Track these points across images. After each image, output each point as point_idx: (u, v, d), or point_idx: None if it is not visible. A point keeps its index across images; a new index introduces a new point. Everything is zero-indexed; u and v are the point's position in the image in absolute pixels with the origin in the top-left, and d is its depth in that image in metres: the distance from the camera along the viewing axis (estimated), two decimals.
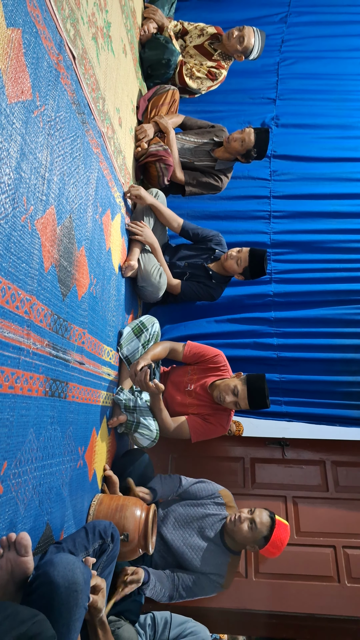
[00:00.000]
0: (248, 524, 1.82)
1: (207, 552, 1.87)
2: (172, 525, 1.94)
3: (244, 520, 1.83)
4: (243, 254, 2.33)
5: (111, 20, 1.80)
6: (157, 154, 2.31)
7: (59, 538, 1.29)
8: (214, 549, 1.88)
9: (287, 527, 1.86)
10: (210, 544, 1.88)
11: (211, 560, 1.86)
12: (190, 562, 1.86)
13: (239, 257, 2.33)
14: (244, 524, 1.82)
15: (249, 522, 1.82)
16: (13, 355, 0.98)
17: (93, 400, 1.61)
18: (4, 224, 0.92)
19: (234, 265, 2.34)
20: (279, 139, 3.11)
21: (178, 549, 1.89)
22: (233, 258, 2.34)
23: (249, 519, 1.83)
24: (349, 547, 2.53)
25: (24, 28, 1.00)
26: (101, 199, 1.66)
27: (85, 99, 1.43)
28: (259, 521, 1.82)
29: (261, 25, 2.96)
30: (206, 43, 2.72)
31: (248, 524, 1.82)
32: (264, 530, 1.81)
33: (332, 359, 2.61)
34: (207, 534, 1.90)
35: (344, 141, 3.11)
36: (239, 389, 1.92)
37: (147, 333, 1.99)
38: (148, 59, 2.50)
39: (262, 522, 1.82)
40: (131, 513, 1.55)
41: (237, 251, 2.35)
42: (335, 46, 3.34)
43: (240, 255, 2.33)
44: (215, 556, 1.87)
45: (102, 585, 1.17)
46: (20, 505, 1.04)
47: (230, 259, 2.34)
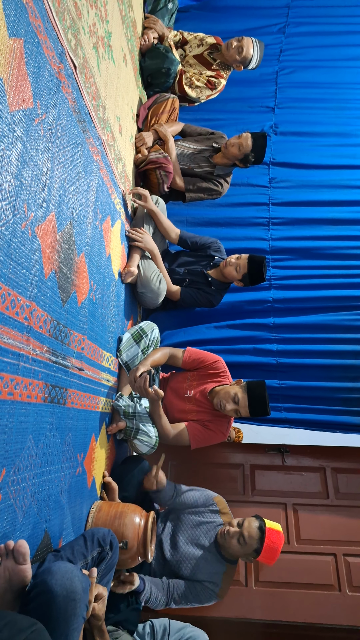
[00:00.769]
0: (237, 539, 1.79)
1: (202, 560, 1.85)
2: (168, 533, 1.93)
3: (233, 535, 1.79)
4: (242, 261, 2.34)
5: (112, 30, 1.83)
6: (157, 161, 2.33)
7: (58, 546, 1.28)
8: (209, 557, 1.86)
9: (280, 534, 1.82)
10: (205, 552, 1.87)
11: (206, 569, 1.84)
12: (186, 571, 1.85)
13: (238, 263, 2.34)
14: (233, 539, 1.79)
15: (237, 536, 1.79)
16: (12, 362, 0.98)
17: (92, 406, 1.61)
18: (4, 230, 0.93)
19: (233, 271, 2.35)
20: (277, 147, 3.14)
21: (174, 557, 1.88)
22: (232, 265, 2.35)
23: (237, 533, 1.79)
24: (350, 555, 2.51)
25: (26, 38, 1.01)
26: (101, 205, 1.67)
27: (85, 107, 1.45)
28: (248, 535, 1.78)
29: (260, 36, 2.99)
30: (205, 53, 2.75)
31: (237, 538, 1.79)
32: (253, 544, 1.78)
33: (331, 365, 2.61)
34: (202, 542, 1.89)
35: (342, 149, 3.14)
36: (239, 396, 1.92)
37: (146, 339, 1.99)
38: (148, 68, 2.53)
39: (251, 535, 1.78)
40: (130, 520, 1.54)
41: (236, 258, 2.36)
42: (332, 56, 3.38)
43: (240, 262, 2.34)
44: (210, 565, 1.85)
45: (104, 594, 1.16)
46: (18, 513, 1.03)
47: (229, 266, 2.35)
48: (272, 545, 1.78)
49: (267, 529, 1.79)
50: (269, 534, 1.78)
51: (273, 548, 1.78)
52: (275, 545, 1.79)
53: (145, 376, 1.73)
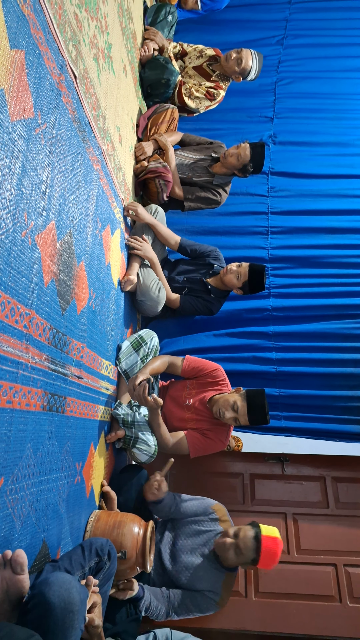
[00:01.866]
0: (233, 550, 1.77)
1: (201, 569, 1.84)
2: (167, 543, 1.92)
3: (229, 547, 1.78)
4: (243, 269, 2.35)
5: (112, 41, 1.85)
6: (157, 171, 2.35)
7: (56, 556, 1.27)
8: (208, 566, 1.85)
9: (277, 539, 1.79)
10: (204, 561, 1.85)
11: (206, 578, 1.83)
12: (185, 580, 1.83)
13: (239, 272, 2.35)
14: (230, 551, 1.77)
15: (233, 548, 1.77)
16: (12, 370, 0.98)
17: (91, 415, 1.60)
18: (4, 238, 0.93)
19: (233, 279, 2.36)
20: (276, 156, 3.17)
21: (173, 566, 1.86)
22: (233, 272, 2.36)
23: (233, 545, 1.77)
24: (350, 565, 2.49)
25: (27, 49, 1.03)
26: (101, 214, 1.68)
27: (86, 117, 1.46)
28: (244, 546, 1.76)
29: (259, 47, 3.03)
30: (205, 64, 2.79)
31: (233, 549, 1.77)
32: (249, 554, 1.76)
33: (331, 373, 2.61)
34: (201, 551, 1.87)
35: (341, 158, 3.16)
36: (238, 405, 1.91)
37: (145, 347, 1.99)
38: (148, 78, 2.56)
39: (247, 546, 1.76)
40: (129, 530, 1.53)
41: (237, 266, 2.37)
42: (330, 67, 3.43)
43: (240, 270, 2.35)
44: (209, 573, 1.83)
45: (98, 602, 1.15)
46: (16, 522, 1.02)
47: (229, 274, 2.36)
48: (269, 552, 1.76)
49: (263, 537, 1.77)
50: (265, 542, 1.77)
51: (271, 554, 1.76)
52: (273, 550, 1.77)
53: (144, 384, 1.73)
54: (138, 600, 1.67)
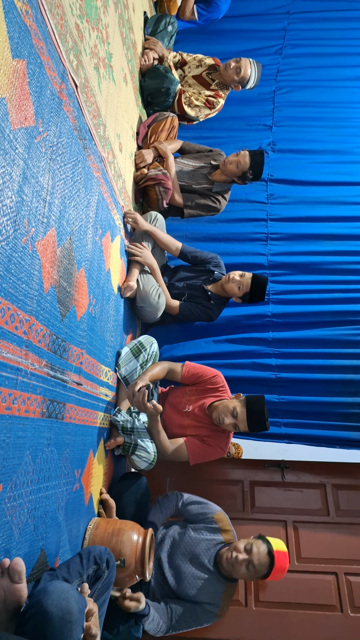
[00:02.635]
0: (245, 566, 1.74)
1: (201, 580, 1.81)
2: (167, 552, 1.90)
3: (242, 562, 1.74)
4: (245, 280, 2.35)
5: (113, 51, 1.87)
6: (156, 178, 2.36)
7: (54, 564, 1.26)
8: (208, 576, 1.82)
9: (286, 554, 1.79)
10: (204, 572, 1.83)
11: (206, 589, 1.80)
12: (185, 591, 1.81)
13: (241, 282, 2.35)
14: (242, 566, 1.74)
15: (246, 563, 1.74)
16: (11, 376, 0.98)
17: (90, 421, 1.60)
18: (5, 245, 0.94)
19: (234, 288, 2.36)
20: (275, 164, 3.19)
21: (173, 575, 1.84)
22: (235, 282, 2.35)
23: (246, 560, 1.74)
24: (351, 574, 2.47)
25: (29, 59, 1.04)
26: (101, 221, 1.69)
27: (86, 125, 1.47)
28: (258, 563, 1.73)
29: (257, 57, 3.07)
30: (204, 73, 2.81)
31: (245, 565, 1.74)
32: (263, 570, 1.74)
33: (330, 379, 2.61)
34: (201, 560, 1.85)
35: (339, 166, 3.19)
36: (238, 411, 1.91)
37: (145, 353, 1.99)
38: (148, 87, 2.58)
39: (261, 562, 1.73)
40: (128, 538, 1.51)
41: (240, 275, 2.36)
42: (328, 76, 3.46)
43: (243, 281, 2.35)
44: (210, 584, 1.81)
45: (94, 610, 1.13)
46: (14, 530, 1.02)
47: (231, 282, 2.36)
48: (280, 568, 1.75)
49: (275, 553, 1.75)
50: (278, 557, 1.75)
51: (281, 569, 1.75)
52: (284, 566, 1.76)
53: (143, 391, 1.72)
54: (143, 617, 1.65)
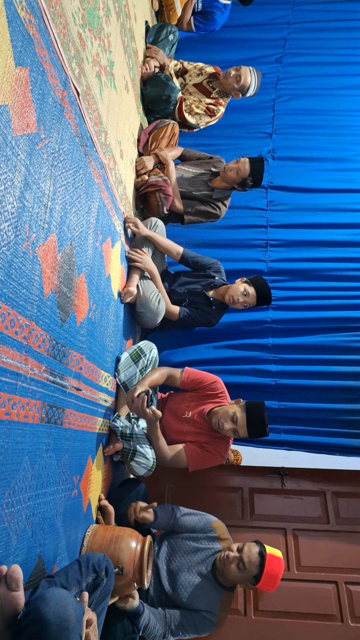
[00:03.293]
0: (236, 564, 1.74)
1: (198, 588, 1.80)
2: (165, 560, 1.88)
3: (232, 560, 1.75)
4: (251, 299, 2.35)
5: (114, 59, 1.89)
6: (157, 184, 2.37)
7: (52, 571, 1.25)
8: (206, 585, 1.81)
9: (280, 560, 1.77)
10: (202, 580, 1.82)
11: (203, 597, 1.79)
12: (183, 599, 1.79)
13: (247, 301, 2.36)
14: (233, 564, 1.74)
15: (237, 561, 1.74)
16: (10, 381, 0.98)
17: (89, 427, 1.60)
18: (6, 250, 0.94)
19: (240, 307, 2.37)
20: (275, 171, 3.21)
21: (171, 584, 1.83)
22: (240, 303, 2.36)
23: (237, 558, 1.75)
24: (352, 583, 2.44)
25: (32, 67, 1.05)
26: (102, 227, 1.69)
27: (88, 132, 1.48)
28: (247, 561, 1.73)
29: (258, 65, 3.10)
30: (205, 82, 2.84)
31: (236, 563, 1.74)
32: (253, 569, 1.73)
33: (330, 386, 2.60)
34: (199, 569, 1.84)
35: (338, 173, 3.21)
36: (238, 416, 1.90)
37: (145, 359, 1.99)
38: (149, 95, 2.60)
39: (251, 561, 1.73)
40: (126, 545, 1.50)
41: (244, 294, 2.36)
42: (328, 84, 3.50)
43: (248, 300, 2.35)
44: (207, 592, 1.80)
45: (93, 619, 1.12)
46: (12, 536, 1.01)
47: (237, 304, 2.37)
48: (272, 572, 1.73)
49: (268, 555, 1.75)
50: (269, 560, 1.74)
51: (273, 575, 1.73)
52: (276, 572, 1.74)
53: (142, 397, 1.72)
54: (137, 617, 1.63)
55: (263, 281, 2.40)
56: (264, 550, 1.78)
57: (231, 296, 2.37)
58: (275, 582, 1.74)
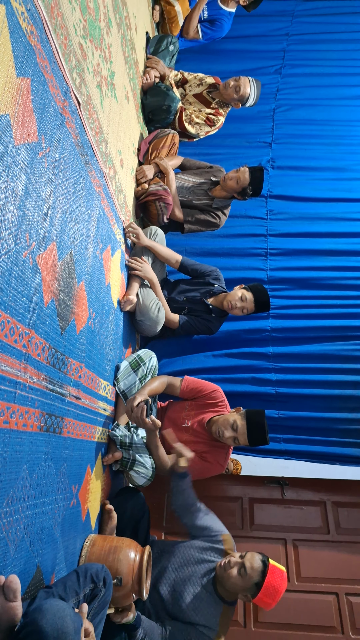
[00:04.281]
0: (237, 569, 1.71)
1: (198, 600, 1.76)
2: (164, 570, 1.85)
3: (234, 565, 1.72)
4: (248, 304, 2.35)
5: (115, 70, 1.91)
6: (157, 193, 2.39)
7: (50, 582, 1.24)
8: (205, 597, 1.77)
9: (283, 574, 1.74)
10: (202, 592, 1.78)
11: (202, 611, 1.75)
12: (181, 611, 1.75)
13: (245, 307, 2.36)
14: (234, 569, 1.71)
15: (238, 566, 1.71)
16: (9, 389, 0.98)
17: (88, 436, 1.59)
18: (6, 259, 0.94)
19: (239, 312, 2.38)
20: (275, 180, 3.23)
21: (169, 595, 1.80)
22: (238, 308, 2.36)
23: (239, 563, 1.72)
24: (352, 594, 2.42)
25: (33, 77, 1.06)
26: (102, 235, 1.70)
27: (88, 141, 1.49)
28: (249, 566, 1.70)
29: (257, 76, 3.13)
30: (205, 92, 2.87)
31: (237, 568, 1.71)
32: (254, 576, 1.69)
33: (330, 395, 2.60)
34: (199, 581, 1.80)
35: (338, 183, 3.23)
36: (238, 424, 1.89)
37: (144, 367, 1.98)
38: (149, 105, 2.63)
39: (253, 567, 1.70)
40: (125, 555, 1.49)
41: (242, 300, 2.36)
42: (327, 95, 3.53)
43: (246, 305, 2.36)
44: (206, 606, 1.76)
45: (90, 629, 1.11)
46: (10, 546, 1.00)
47: (235, 309, 2.37)
48: (273, 583, 1.70)
49: (271, 565, 1.73)
50: (272, 570, 1.71)
51: (275, 586, 1.70)
52: (278, 584, 1.70)
53: (142, 406, 1.71)
54: (134, 629, 1.61)
55: (262, 287, 2.40)
56: (267, 559, 1.75)
57: (229, 302, 2.38)
58: (276, 596, 1.69)
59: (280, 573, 1.72)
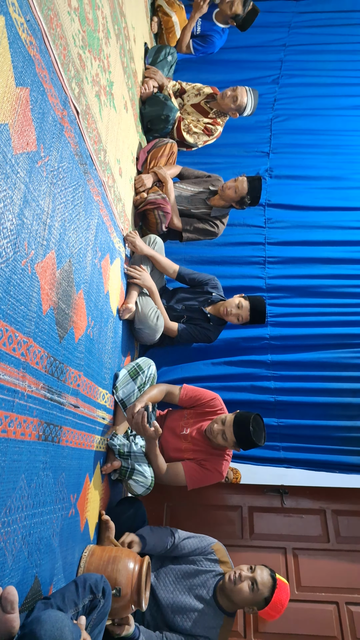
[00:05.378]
0: (249, 584, 1.70)
1: (198, 612, 1.74)
2: (163, 582, 1.84)
3: (245, 579, 1.71)
4: (244, 312, 2.36)
5: (114, 79, 1.93)
6: (156, 202, 2.40)
7: (48, 592, 1.22)
8: (206, 609, 1.76)
9: (288, 588, 1.75)
10: (202, 604, 1.76)
11: (202, 623, 1.73)
12: (180, 623, 1.74)
13: (240, 314, 2.36)
14: (245, 583, 1.70)
15: (249, 581, 1.70)
16: (7, 398, 0.97)
17: (87, 445, 1.58)
18: (4, 267, 0.94)
19: (234, 320, 2.39)
20: (272, 189, 3.25)
21: (168, 607, 1.78)
22: (234, 315, 2.37)
23: (249, 577, 1.71)
24: (353, 603, 2.40)
25: (32, 87, 1.07)
26: (101, 244, 1.70)
27: (87, 150, 1.50)
28: (261, 581, 1.70)
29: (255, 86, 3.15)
30: (203, 102, 2.89)
31: (249, 583, 1.70)
32: (265, 591, 1.70)
33: (329, 403, 2.59)
34: (199, 592, 1.79)
35: (335, 191, 3.25)
36: (227, 419, 1.89)
37: (143, 375, 1.98)
38: (148, 114, 2.65)
39: (264, 582, 1.70)
40: (124, 566, 1.47)
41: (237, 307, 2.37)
42: (324, 105, 3.57)
43: (242, 313, 2.36)
44: (207, 618, 1.74)
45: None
46: (8, 557, 0.99)
47: (230, 315, 2.38)
48: (280, 598, 1.71)
49: (278, 579, 1.74)
50: (280, 586, 1.72)
51: (281, 601, 1.71)
52: (283, 598, 1.72)
53: (142, 413, 1.70)
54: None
55: (260, 298, 2.40)
56: (275, 573, 1.76)
57: (225, 307, 2.39)
58: (281, 610, 1.72)
59: (285, 588, 1.75)
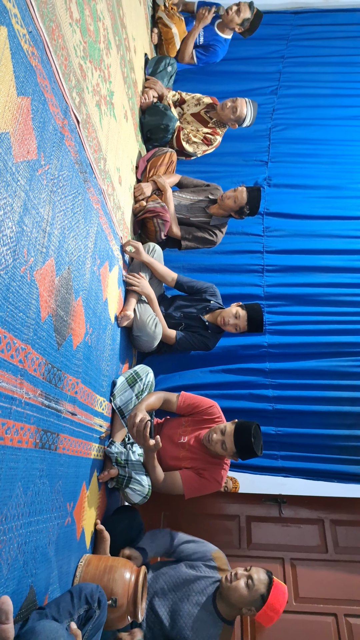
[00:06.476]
0: (245, 581, 1.71)
1: (196, 620, 1.73)
2: (160, 590, 1.82)
3: (241, 576, 1.72)
4: (241, 322, 2.36)
5: (114, 89, 1.95)
6: (155, 210, 2.41)
7: (43, 602, 1.21)
8: (204, 617, 1.74)
9: (285, 589, 1.74)
10: (200, 611, 1.75)
11: (201, 631, 1.72)
12: (179, 631, 1.72)
13: (237, 324, 2.37)
14: (241, 580, 1.70)
15: (245, 578, 1.71)
16: (5, 405, 0.97)
17: (84, 452, 1.57)
18: (3, 274, 0.95)
19: (232, 329, 2.39)
20: (271, 198, 3.27)
21: (167, 615, 1.76)
22: (231, 325, 2.37)
23: (245, 575, 1.72)
24: (351, 615, 2.37)
25: (33, 96, 1.08)
26: (100, 251, 1.71)
27: (87, 159, 1.52)
28: (257, 577, 1.71)
29: (254, 96, 3.20)
30: (202, 111, 2.92)
31: (245, 580, 1.71)
32: (261, 587, 1.69)
33: (327, 411, 2.59)
34: (197, 599, 1.77)
35: (333, 200, 3.27)
36: (227, 429, 1.89)
37: (141, 383, 1.97)
38: (148, 124, 2.67)
39: (260, 579, 1.71)
40: (120, 576, 1.46)
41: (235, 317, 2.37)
42: (322, 115, 3.61)
43: (239, 323, 2.36)
44: (205, 626, 1.73)
45: None
46: (3, 566, 0.98)
47: (228, 325, 2.38)
48: (277, 597, 1.70)
49: (275, 580, 1.74)
50: (276, 584, 1.72)
51: (278, 600, 1.70)
52: (281, 598, 1.71)
53: (147, 423, 1.69)
54: None
55: (258, 308, 2.40)
56: (271, 573, 1.76)
57: (222, 317, 2.39)
58: (279, 610, 1.70)
59: (282, 588, 1.74)
